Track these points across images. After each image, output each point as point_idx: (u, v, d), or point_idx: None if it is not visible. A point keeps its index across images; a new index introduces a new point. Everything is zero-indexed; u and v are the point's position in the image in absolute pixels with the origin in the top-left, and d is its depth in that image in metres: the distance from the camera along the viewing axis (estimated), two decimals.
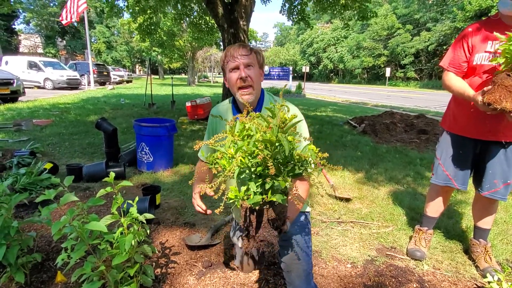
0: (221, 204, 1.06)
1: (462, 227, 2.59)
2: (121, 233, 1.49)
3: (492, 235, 2.40)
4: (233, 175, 0.99)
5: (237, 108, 1.54)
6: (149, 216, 1.63)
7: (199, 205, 1.55)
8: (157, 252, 2.06)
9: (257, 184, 1.00)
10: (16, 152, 3.73)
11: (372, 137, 5.93)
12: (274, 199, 1.00)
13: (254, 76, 1.39)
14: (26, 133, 5.22)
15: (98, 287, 1.44)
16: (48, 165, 3.23)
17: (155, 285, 1.83)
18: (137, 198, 1.64)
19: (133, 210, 1.56)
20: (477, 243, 2.08)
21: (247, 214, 1.09)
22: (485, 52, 1.74)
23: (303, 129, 1.44)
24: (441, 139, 2.09)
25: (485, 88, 1.58)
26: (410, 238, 2.34)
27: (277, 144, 0.97)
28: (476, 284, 1.88)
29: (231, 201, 1.04)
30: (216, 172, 1.07)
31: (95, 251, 1.50)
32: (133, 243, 1.49)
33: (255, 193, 1.01)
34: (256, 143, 0.96)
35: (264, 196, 1.01)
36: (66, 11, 13.08)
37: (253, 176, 1.02)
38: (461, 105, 1.92)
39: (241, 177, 1.03)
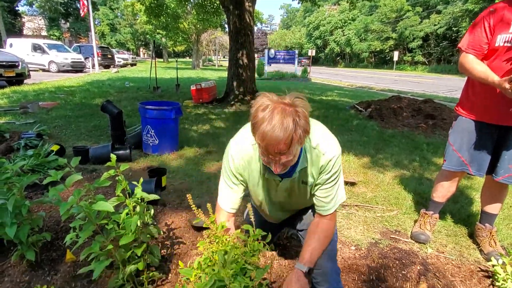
0: None
1: (467, 212, 2.59)
2: (127, 214, 1.51)
3: (498, 220, 2.39)
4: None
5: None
6: (154, 196, 1.65)
7: None
8: (162, 233, 2.09)
9: None
10: (23, 134, 3.76)
11: (379, 122, 5.87)
12: None
13: (291, 162, 1.16)
14: (33, 116, 5.25)
15: (106, 265, 1.47)
16: (55, 147, 3.25)
17: (162, 264, 1.86)
18: (141, 180, 1.65)
19: (138, 192, 1.57)
20: (483, 228, 2.08)
21: None
22: (509, 33, 1.65)
23: (333, 172, 1.25)
24: (455, 124, 2.02)
25: None
26: (415, 222, 2.34)
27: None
28: (480, 268, 1.89)
29: None
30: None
31: (102, 231, 1.53)
32: (138, 224, 1.51)
33: None
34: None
35: None
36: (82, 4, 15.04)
37: None
38: (479, 89, 1.84)
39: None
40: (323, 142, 1.23)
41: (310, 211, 1.60)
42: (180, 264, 1.34)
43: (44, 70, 15.91)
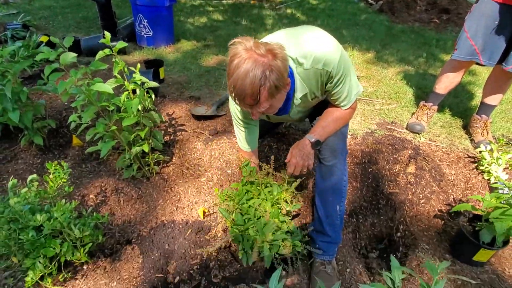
0: None
1: (466, 106, 2.60)
2: (127, 98, 1.50)
3: (494, 113, 2.41)
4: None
5: None
6: (153, 84, 1.62)
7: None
8: (164, 120, 2.14)
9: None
10: (8, 25, 3.51)
11: (389, 16, 5.44)
12: None
13: (272, 109, 1.15)
14: (14, 6, 4.83)
15: (112, 145, 1.53)
16: (44, 38, 3.07)
17: (165, 149, 1.96)
18: (139, 65, 1.60)
19: (137, 76, 1.54)
20: (478, 118, 2.11)
21: None
22: None
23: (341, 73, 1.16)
24: (475, 8, 1.86)
25: None
26: (412, 114, 2.37)
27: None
28: (467, 154, 2.00)
29: None
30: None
31: (105, 115, 1.55)
32: (139, 108, 1.52)
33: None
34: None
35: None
36: None
37: None
38: None
39: None
40: (318, 57, 1.10)
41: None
42: (215, 190, 1.49)
43: None
